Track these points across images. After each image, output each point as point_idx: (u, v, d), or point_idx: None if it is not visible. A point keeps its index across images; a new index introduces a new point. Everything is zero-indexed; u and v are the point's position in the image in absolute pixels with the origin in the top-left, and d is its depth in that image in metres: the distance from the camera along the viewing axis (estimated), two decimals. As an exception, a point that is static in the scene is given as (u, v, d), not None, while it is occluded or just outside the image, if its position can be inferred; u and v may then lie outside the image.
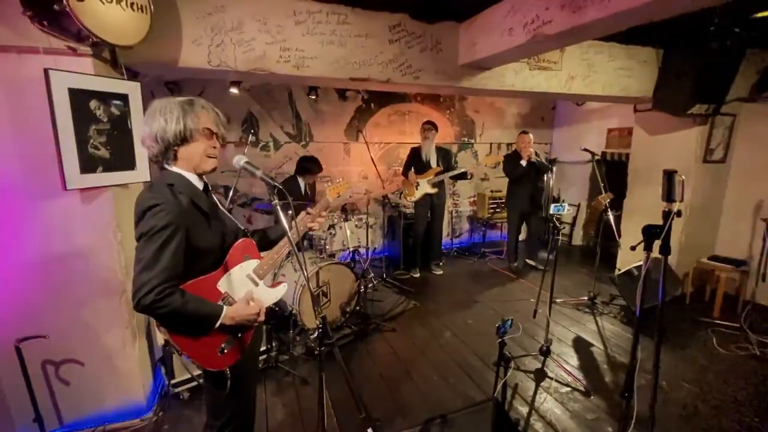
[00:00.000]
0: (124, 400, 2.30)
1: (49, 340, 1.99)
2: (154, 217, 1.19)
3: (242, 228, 1.52)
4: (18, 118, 1.87)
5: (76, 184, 1.89)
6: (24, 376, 1.93)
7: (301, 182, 3.91)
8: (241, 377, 1.45)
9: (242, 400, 1.54)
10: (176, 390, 2.48)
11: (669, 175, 1.34)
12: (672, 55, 3.46)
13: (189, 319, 1.23)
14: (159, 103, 1.29)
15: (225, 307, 1.30)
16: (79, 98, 1.85)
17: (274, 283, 1.58)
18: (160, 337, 1.30)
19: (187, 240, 1.24)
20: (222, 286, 1.37)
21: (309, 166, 3.88)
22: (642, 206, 4.21)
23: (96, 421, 2.25)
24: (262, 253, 1.54)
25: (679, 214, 1.29)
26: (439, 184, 4.51)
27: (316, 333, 1.38)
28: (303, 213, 1.68)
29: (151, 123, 1.26)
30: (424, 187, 4.46)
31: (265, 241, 1.64)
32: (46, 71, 1.73)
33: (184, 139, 1.28)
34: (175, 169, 1.32)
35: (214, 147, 1.36)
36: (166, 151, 1.29)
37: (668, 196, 1.34)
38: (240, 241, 1.45)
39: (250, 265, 1.47)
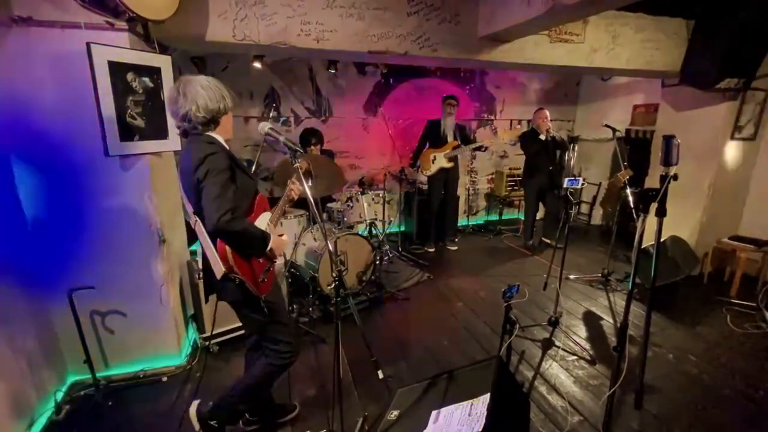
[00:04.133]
0: (160, 350, 2.55)
1: (96, 291, 2.22)
2: (216, 161, 1.45)
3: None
4: (63, 90, 2.03)
5: (117, 151, 2.07)
6: (76, 323, 2.18)
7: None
8: (276, 308, 1.78)
9: (282, 325, 1.82)
10: (206, 344, 2.72)
11: (667, 140, 1.37)
12: (702, 27, 3.32)
13: (252, 238, 1.52)
14: (209, 81, 1.55)
15: (271, 235, 1.61)
16: (117, 71, 1.99)
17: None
18: (218, 271, 1.54)
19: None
20: None
21: (308, 137, 3.85)
22: (664, 184, 4.15)
23: (137, 366, 2.51)
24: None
25: (675, 177, 1.33)
26: (455, 159, 4.53)
27: (333, 284, 1.53)
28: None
29: (212, 97, 1.52)
30: (441, 161, 4.50)
31: None
32: (88, 45, 1.88)
33: (226, 111, 1.60)
34: (208, 133, 1.57)
35: None
36: (217, 119, 1.57)
37: (666, 160, 1.38)
38: (260, 194, 1.75)
39: (266, 216, 1.76)
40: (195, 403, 1.92)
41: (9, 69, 1.94)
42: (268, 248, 1.58)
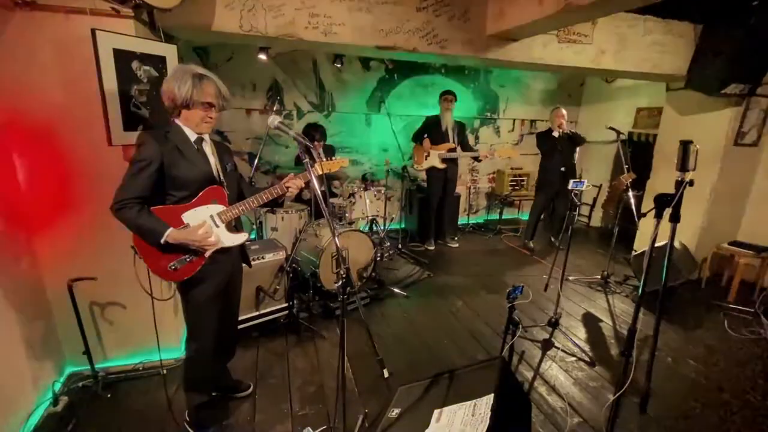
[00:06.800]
0: (160, 342, 2.53)
1: (95, 282, 2.20)
2: (141, 152, 1.58)
3: (221, 179, 1.78)
4: (66, 77, 1.99)
5: (120, 140, 2.03)
6: (75, 313, 2.15)
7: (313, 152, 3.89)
8: (192, 300, 1.80)
9: (203, 322, 1.85)
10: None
11: (684, 145, 1.36)
12: (711, 31, 3.31)
13: (138, 229, 1.60)
14: (179, 69, 1.63)
15: (170, 228, 1.59)
16: (122, 58, 1.95)
17: (237, 231, 1.86)
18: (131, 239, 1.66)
19: (165, 172, 1.60)
20: (186, 218, 1.67)
21: (312, 132, 3.79)
22: (666, 188, 4.12)
23: (136, 358, 2.49)
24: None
25: (691, 183, 1.32)
26: (448, 161, 4.51)
27: (340, 282, 1.51)
28: (291, 175, 1.93)
29: (169, 83, 1.60)
30: (434, 159, 4.46)
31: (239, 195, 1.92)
32: (93, 31, 1.83)
33: (186, 105, 1.62)
34: (177, 121, 1.68)
35: (210, 117, 1.68)
36: (174, 108, 1.65)
37: (682, 165, 1.37)
38: (212, 186, 1.72)
39: (216, 208, 1.73)
40: None
41: (11, 54, 1.89)
42: (162, 241, 1.58)
